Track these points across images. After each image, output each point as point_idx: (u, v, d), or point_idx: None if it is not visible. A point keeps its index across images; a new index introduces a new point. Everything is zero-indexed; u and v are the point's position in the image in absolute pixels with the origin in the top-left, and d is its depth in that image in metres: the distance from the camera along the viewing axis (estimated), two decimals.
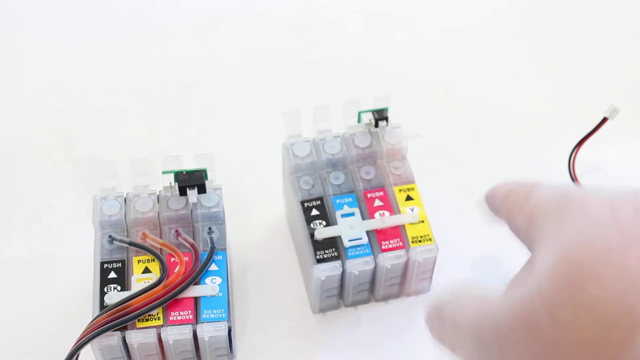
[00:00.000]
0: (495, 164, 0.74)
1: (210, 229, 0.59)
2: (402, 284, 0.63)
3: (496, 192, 0.42)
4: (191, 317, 0.56)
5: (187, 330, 0.55)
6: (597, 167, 0.73)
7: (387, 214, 0.61)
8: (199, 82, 0.82)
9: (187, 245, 0.58)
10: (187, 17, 0.88)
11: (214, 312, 0.56)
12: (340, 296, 0.63)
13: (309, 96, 0.78)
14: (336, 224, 0.60)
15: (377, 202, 0.61)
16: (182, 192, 0.59)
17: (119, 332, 0.54)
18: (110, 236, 0.59)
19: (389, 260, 0.59)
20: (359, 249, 0.59)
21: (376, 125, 0.63)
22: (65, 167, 0.74)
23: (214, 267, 0.58)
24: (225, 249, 0.59)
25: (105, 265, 0.58)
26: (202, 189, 0.59)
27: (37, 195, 0.72)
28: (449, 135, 0.77)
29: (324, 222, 0.60)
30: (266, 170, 0.71)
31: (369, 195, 0.62)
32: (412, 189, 0.62)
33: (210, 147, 0.62)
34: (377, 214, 0.61)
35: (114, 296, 0.56)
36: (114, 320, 0.54)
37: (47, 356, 0.60)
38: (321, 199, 0.61)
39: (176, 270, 0.57)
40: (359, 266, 0.59)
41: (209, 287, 0.57)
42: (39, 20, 0.87)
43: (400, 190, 0.62)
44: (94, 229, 0.59)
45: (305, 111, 0.62)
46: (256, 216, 0.70)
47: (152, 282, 0.56)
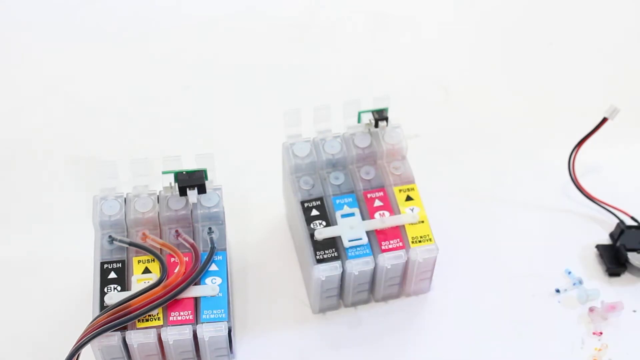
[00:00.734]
0: (495, 164, 0.74)
1: (210, 229, 0.59)
2: (402, 284, 0.63)
3: None
4: (191, 317, 0.56)
5: (187, 330, 0.55)
6: (597, 167, 0.73)
7: (387, 214, 0.61)
8: (199, 82, 0.82)
9: (187, 245, 0.58)
10: (187, 17, 0.88)
11: (214, 312, 0.56)
12: (340, 296, 0.63)
13: (309, 96, 0.78)
14: (336, 224, 0.60)
15: (377, 202, 0.61)
16: (182, 192, 0.59)
17: (119, 332, 0.54)
18: (110, 236, 0.59)
19: (389, 260, 0.59)
20: (359, 249, 0.59)
21: (376, 125, 0.63)
22: (65, 167, 0.74)
23: (214, 267, 0.58)
24: (225, 249, 0.59)
25: (105, 265, 0.58)
26: (202, 189, 0.59)
27: (37, 195, 0.72)
28: (449, 135, 0.77)
29: (324, 222, 0.60)
30: (266, 170, 0.71)
31: (369, 195, 0.62)
32: (412, 189, 0.62)
33: (210, 147, 0.62)
34: (377, 214, 0.61)
35: (114, 296, 0.56)
36: (114, 320, 0.54)
37: (47, 356, 0.60)
38: (321, 199, 0.61)
39: (176, 270, 0.57)
40: (359, 266, 0.59)
41: (209, 287, 0.57)
42: (39, 20, 0.87)
43: (400, 190, 0.62)
44: (94, 229, 0.59)
45: (305, 111, 0.62)
46: (256, 216, 0.70)
47: (152, 282, 0.56)
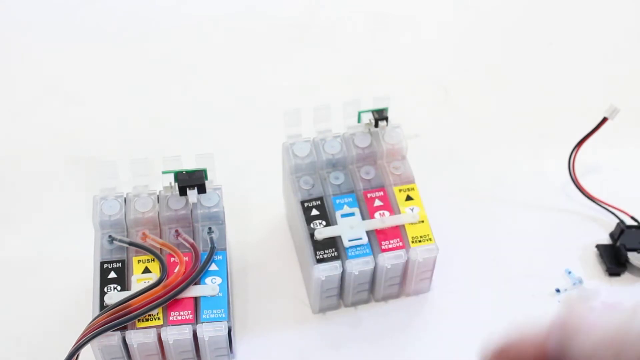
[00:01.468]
0: (495, 164, 0.74)
1: (210, 229, 0.59)
2: (402, 284, 0.63)
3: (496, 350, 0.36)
4: (191, 317, 0.56)
5: (187, 330, 0.55)
6: (597, 167, 0.73)
7: (387, 214, 0.61)
8: (199, 82, 0.82)
9: (187, 245, 0.58)
10: (187, 17, 0.88)
11: (214, 312, 0.56)
12: (340, 296, 0.63)
13: (309, 96, 0.78)
14: (336, 224, 0.60)
15: (377, 202, 0.61)
16: (182, 192, 0.59)
17: (119, 332, 0.54)
18: (110, 236, 0.59)
19: (389, 260, 0.59)
20: (359, 249, 0.59)
21: (376, 125, 0.63)
22: (65, 167, 0.74)
23: (214, 267, 0.58)
24: (225, 249, 0.59)
25: (105, 265, 0.58)
26: (202, 189, 0.59)
27: (37, 195, 0.72)
28: (449, 135, 0.77)
29: (324, 222, 0.60)
30: (266, 170, 0.71)
31: (369, 195, 0.62)
32: (412, 189, 0.62)
33: (210, 147, 0.62)
34: (377, 214, 0.61)
35: (114, 296, 0.56)
36: (114, 320, 0.54)
37: (47, 356, 0.60)
38: (321, 199, 0.61)
39: (176, 270, 0.57)
40: (359, 266, 0.59)
41: (209, 287, 0.57)
42: (39, 20, 0.87)
43: (400, 190, 0.62)
44: (94, 229, 0.59)
45: (305, 111, 0.62)
46: (256, 216, 0.70)
47: (152, 282, 0.56)
